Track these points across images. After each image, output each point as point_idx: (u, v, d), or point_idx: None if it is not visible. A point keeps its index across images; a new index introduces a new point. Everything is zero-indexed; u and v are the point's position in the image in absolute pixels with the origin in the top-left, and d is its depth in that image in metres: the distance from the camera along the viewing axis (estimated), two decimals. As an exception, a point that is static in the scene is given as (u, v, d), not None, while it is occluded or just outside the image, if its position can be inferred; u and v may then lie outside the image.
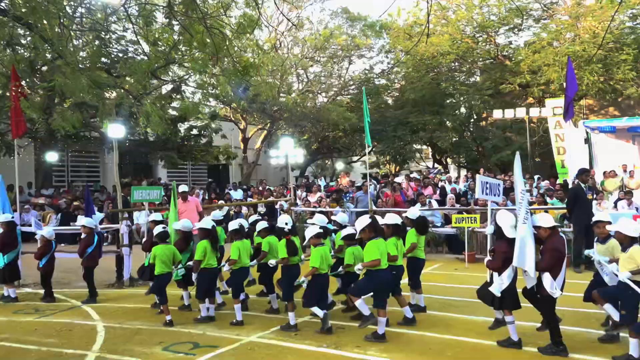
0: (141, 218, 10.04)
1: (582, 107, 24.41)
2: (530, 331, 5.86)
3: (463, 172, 26.43)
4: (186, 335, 6.46)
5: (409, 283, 7.17)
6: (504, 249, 5.57)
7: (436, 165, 28.28)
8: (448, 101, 25.81)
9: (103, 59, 14.44)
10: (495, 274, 5.62)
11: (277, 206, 16.04)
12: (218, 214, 8.98)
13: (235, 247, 6.94)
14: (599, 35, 19.68)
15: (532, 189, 15.30)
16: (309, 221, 7.48)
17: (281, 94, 24.41)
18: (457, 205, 13.24)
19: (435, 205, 13.60)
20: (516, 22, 24.44)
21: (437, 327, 6.29)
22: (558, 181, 16.80)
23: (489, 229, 6.66)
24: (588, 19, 21.50)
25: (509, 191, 14.22)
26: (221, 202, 16.55)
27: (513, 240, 5.48)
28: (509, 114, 20.60)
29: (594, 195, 10.86)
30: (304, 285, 6.27)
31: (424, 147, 30.30)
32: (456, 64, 26.32)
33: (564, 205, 11.03)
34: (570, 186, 12.11)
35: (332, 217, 8.52)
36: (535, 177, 17.52)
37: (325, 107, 24.62)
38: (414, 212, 7.35)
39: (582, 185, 9.43)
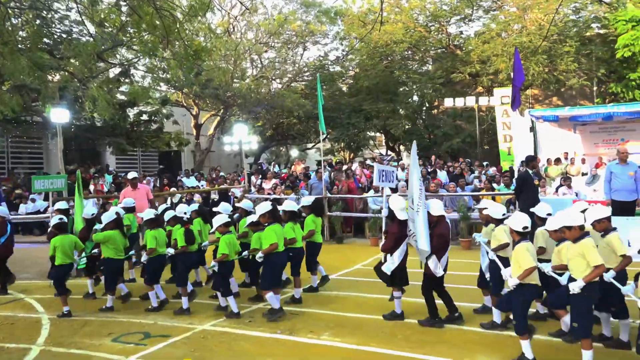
0: (88, 206, 9.69)
1: (528, 97, 25.36)
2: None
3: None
4: (137, 325, 6.32)
5: (307, 264, 7.49)
6: (394, 230, 6.08)
7: (389, 152, 28.69)
8: (401, 89, 26.17)
9: (45, 40, 13.71)
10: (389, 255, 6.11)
11: (230, 193, 15.86)
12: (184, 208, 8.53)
13: (151, 235, 6.89)
14: (544, 27, 20.41)
15: (480, 175, 15.78)
16: (215, 209, 7.63)
17: (235, 80, 24.01)
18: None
19: (388, 191, 13.81)
20: (467, 12, 24.98)
21: (384, 311, 6.34)
22: (504, 168, 17.40)
23: (383, 212, 7.10)
24: (534, 11, 22.24)
25: (458, 177, 14.63)
26: (173, 189, 16.20)
27: (404, 222, 6.06)
28: (460, 102, 21.13)
29: (540, 182, 11.32)
30: (215, 268, 6.46)
31: (378, 134, 30.67)
32: (409, 52, 26.68)
33: (510, 191, 11.47)
34: (516, 173, 12.59)
35: (237, 205, 9.16)
36: (484, 163, 18.08)
37: (280, 93, 24.43)
38: (308, 199, 7.92)
39: (530, 171, 9.80)
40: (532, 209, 5.96)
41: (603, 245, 4.82)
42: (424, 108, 26.78)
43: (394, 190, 9.62)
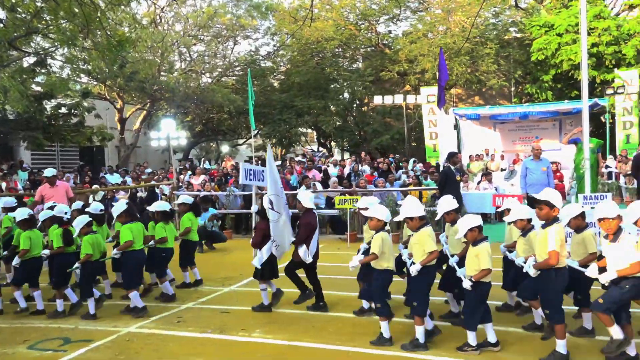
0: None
1: (453, 96, 26.49)
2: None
3: (346, 155, 27.40)
4: (56, 330, 5.95)
5: (180, 263, 7.60)
6: (263, 227, 6.31)
7: (321, 148, 28.94)
8: (332, 86, 26.46)
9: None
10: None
11: (158, 190, 15.33)
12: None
13: (25, 237, 6.57)
14: (467, 30, 21.37)
15: (408, 170, 16.28)
16: (87, 209, 7.38)
17: (162, 73, 23.23)
18: (340, 188, 13.68)
19: (319, 187, 13.92)
20: (395, 12, 25.66)
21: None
22: (432, 164, 18.05)
23: (253, 208, 7.47)
24: (458, 14, 23.24)
25: (387, 174, 15.01)
26: (95, 186, 15.41)
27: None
28: (389, 100, 21.68)
29: (462, 177, 11.84)
30: (77, 271, 6.44)
31: (309, 130, 30.85)
32: (340, 50, 27.03)
33: (436, 186, 11.91)
34: (441, 168, 13.11)
35: (177, 202, 8.93)
36: (411, 160, 18.67)
37: (210, 88, 23.93)
38: (187, 198, 7.97)
39: (452, 167, 10.22)
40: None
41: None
42: (355, 105, 27.25)
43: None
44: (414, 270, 4.86)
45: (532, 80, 23.45)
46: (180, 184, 15.46)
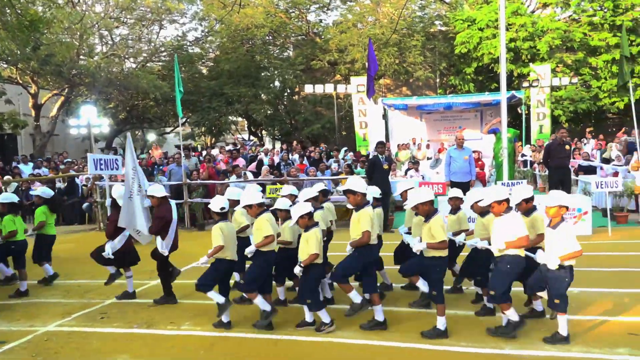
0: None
1: (381, 86, 27.06)
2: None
3: (278, 144, 27.29)
4: (-38, 333, 5.50)
5: (33, 258, 7.35)
6: (115, 217, 6.38)
7: (252, 137, 28.63)
8: (263, 74, 26.18)
9: None
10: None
11: (78, 181, 14.52)
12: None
13: None
14: (395, 21, 21.86)
15: (339, 159, 16.48)
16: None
17: (81, 57, 21.90)
18: (271, 177, 13.62)
19: (250, 176, 13.78)
20: (325, 1, 25.74)
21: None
22: (362, 153, 18.39)
23: (107, 201, 7.46)
24: (386, 5, 23.69)
25: (318, 162, 15.11)
26: (7, 177, 14.31)
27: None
28: (319, 89, 21.78)
29: (390, 165, 12.16)
30: None
31: (240, 119, 30.39)
32: (270, 37, 26.75)
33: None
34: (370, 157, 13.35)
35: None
36: (343, 149, 18.92)
37: (134, 73, 22.85)
38: (46, 191, 7.73)
39: (380, 156, 10.47)
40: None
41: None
42: (286, 94, 27.14)
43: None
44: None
45: (456, 72, 24.43)
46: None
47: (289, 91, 26.96)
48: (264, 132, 29.16)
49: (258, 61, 25.76)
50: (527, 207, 5.03)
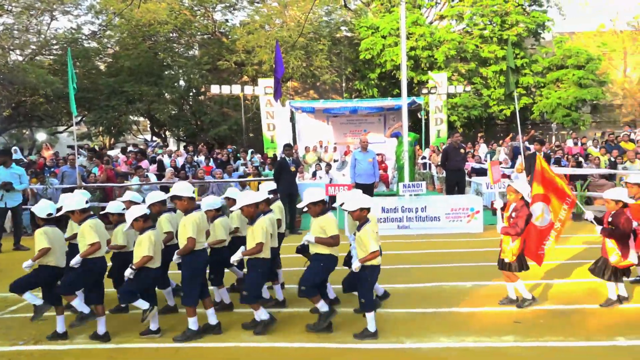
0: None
1: (289, 89, 27.25)
2: None
3: (182, 145, 26.43)
4: None
5: None
6: None
7: (155, 138, 27.48)
8: (167, 72, 25.26)
9: None
10: None
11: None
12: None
13: None
14: (302, 25, 22.11)
15: (247, 161, 16.32)
16: None
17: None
18: (176, 179, 13.15)
19: (153, 179, 13.21)
20: (232, 0, 25.39)
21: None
22: (268, 155, 18.35)
23: None
24: (294, 9, 23.89)
25: (225, 164, 14.86)
26: None
27: None
28: (226, 90, 21.42)
29: (298, 168, 12.25)
30: None
31: (142, 119, 29.02)
32: (174, 35, 25.86)
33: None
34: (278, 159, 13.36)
35: None
36: (249, 151, 18.76)
37: (21, 67, 20.98)
38: None
39: (287, 158, 10.51)
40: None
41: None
42: (191, 94, 26.38)
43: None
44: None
45: (361, 77, 25.22)
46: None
47: (194, 91, 26.23)
48: (167, 132, 28.09)
49: (161, 59, 24.80)
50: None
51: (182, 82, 25.73)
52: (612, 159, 13.83)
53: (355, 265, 4.76)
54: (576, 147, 17.19)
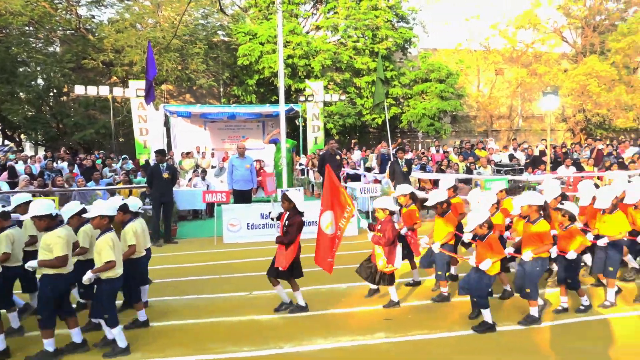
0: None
1: (163, 92, 26.10)
2: None
3: (41, 150, 24.04)
4: None
5: None
6: None
7: (7, 142, 24.60)
8: (21, 69, 22.78)
9: None
10: None
11: None
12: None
13: None
14: (176, 26, 21.35)
15: (116, 168, 15.30)
16: None
17: None
18: (32, 187, 11.90)
19: (5, 188, 11.81)
20: (100, -4, 23.76)
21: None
22: (140, 162, 17.42)
23: None
24: (168, 9, 22.99)
25: (91, 171, 13.79)
26: None
27: None
28: (92, 90, 19.88)
29: (173, 174, 11.76)
30: None
31: (-9, 120, 25.82)
32: (31, 28, 23.41)
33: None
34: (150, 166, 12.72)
35: None
36: (122, 157, 17.63)
37: None
38: None
39: (160, 165, 10.06)
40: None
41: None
42: (51, 94, 24.07)
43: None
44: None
45: (239, 83, 25.00)
46: None
47: (55, 91, 23.95)
48: (22, 136, 25.31)
49: (15, 54, 22.30)
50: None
51: (40, 81, 23.37)
52: (468, 165, 15.36)
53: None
54: (439, 154, 18.75)
